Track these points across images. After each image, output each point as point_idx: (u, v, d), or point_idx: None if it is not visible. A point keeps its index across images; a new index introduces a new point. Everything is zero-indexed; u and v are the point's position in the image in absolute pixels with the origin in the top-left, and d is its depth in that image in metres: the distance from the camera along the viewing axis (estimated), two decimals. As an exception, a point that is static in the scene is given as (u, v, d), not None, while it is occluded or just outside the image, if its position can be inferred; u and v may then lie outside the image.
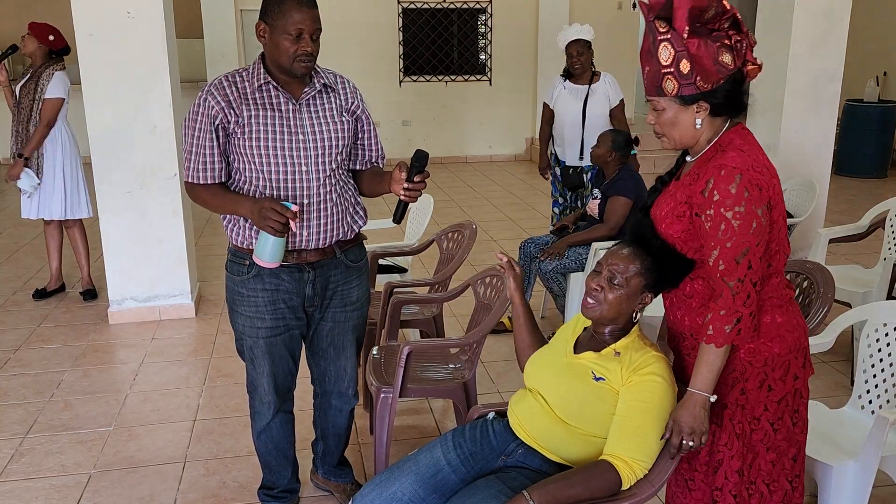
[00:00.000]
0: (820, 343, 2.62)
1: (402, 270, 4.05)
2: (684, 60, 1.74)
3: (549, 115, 4.81)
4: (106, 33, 4.16)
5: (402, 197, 2.18)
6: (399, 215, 2.27)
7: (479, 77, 10.45)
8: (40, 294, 4.94)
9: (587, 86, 4.66)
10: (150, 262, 4.49)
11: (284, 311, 2.34)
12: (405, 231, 4.40)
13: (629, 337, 1.92)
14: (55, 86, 4.54)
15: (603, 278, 1.89)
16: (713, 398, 1.80)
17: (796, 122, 5.03)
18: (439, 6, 10.12)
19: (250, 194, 2.26)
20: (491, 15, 10.26)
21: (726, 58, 1.74)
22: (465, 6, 10.18)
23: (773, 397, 1.87)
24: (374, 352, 2.96)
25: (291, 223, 2.11)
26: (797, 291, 2.55)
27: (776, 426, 1.90)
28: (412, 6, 10.04)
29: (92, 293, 4.92)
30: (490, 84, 10.44)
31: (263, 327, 2.34)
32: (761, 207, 1.73)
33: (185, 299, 4.61)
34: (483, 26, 10.36)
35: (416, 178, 2.15)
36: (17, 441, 3.21)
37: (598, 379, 1.87)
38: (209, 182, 2.26)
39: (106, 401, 3.57)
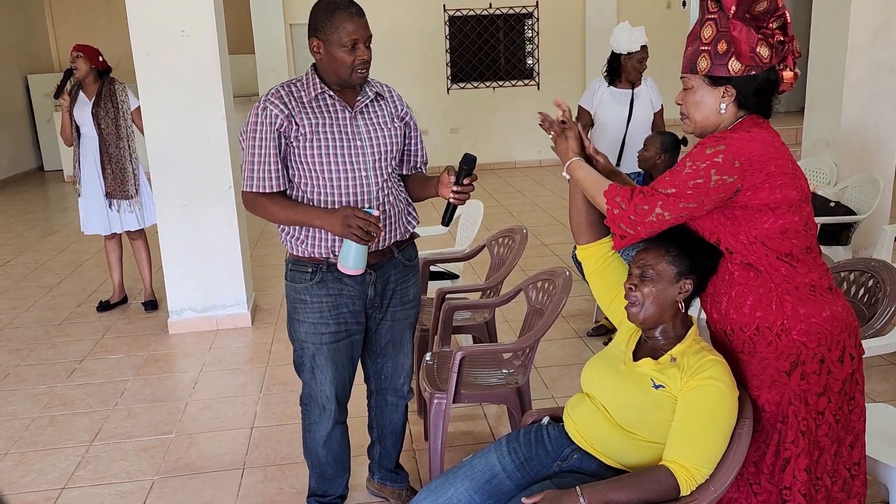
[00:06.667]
0: (888, 343, 2.52)
1: (453, 276, 4.05)
2: (723, 41, 1.80)
3: (587, 120, 4.47)
4: (162, 52, 4.29)
5: (451, 200, 2.24)
6: (448, 218, 2.31)
7: (526, 82, 10.43)
8: (104, 306, 5.10)
9: (630, 90, 4.38)
10: (207, 272, 4.60)
11: (347, 315, 2.38)
12: (456, 237, 4.41)
13: (685, 342, 1.88)
14: (132, 97, 4.75)
15: (634, 276, 1.90)
16: None
17: (856, 115, 4.87)
18: (485, 13, 10.13)
19: (313, 204, 2.29)
20: (537, 19, 10.23)
21: (763, 51, 1.78)
22: (511, 12, 10.18)
23: (834, 386, 1.84)
24: (428, 358, 2.96)
25: (375, 229, 2.14)
26: (862, 290, 2.48)
27: (837, 417, 1.87)
28: (458, 13, 10.08)
29: (153, 304, 5.06)
30: (538, 88, 10.40)
31: (327, 332, 2.37)
32: (722, 175, 1.74)
33: (242, 309, 4.70)
34: (530, 31, 10.34)
35: (465, 181, 2.22)
36: (83, 448, 3.31)
37: (657, 387, 1.84)
38: (274, 190, 2.28)
39: (167, 409, 3.66)
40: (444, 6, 10.02)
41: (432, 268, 3.87)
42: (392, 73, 10.00)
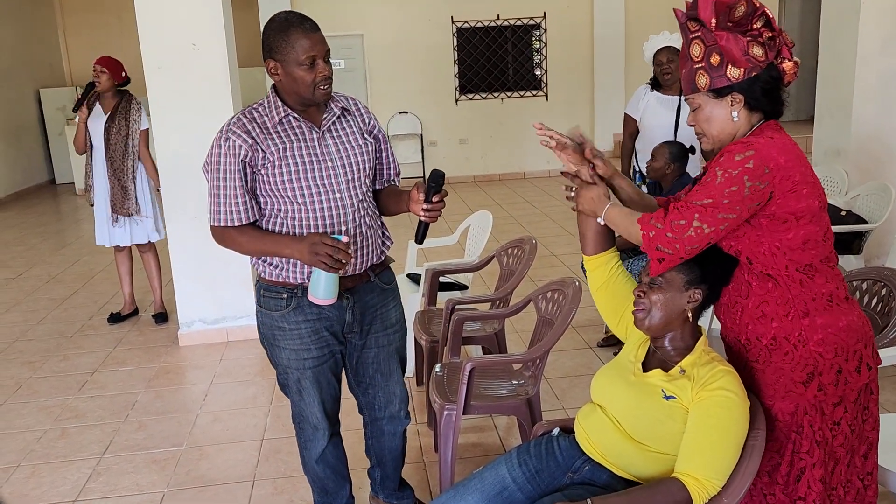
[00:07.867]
0: (901, 353, 2.50)
1: (462, 287, 4.05)
2: (714, 54, 1.80)
3: (633, 128, 4.38)
4: (172, 65, 4.33)
5: (422, 218, 2.20)
6: (421, 236, 2.26)
7: (534, 92, 10.45)
8: (115, 318, 5.12)
9: (678, 97, 4.25)
10: (217, 285, 4.61)
11: (328, 337, 2.32)
12: (465, 248, 4.41)
13: (694, 353, 1.87)
14: (144, 117, 4.79)
15: (644, 283, 1.89)
16: None
17: (867, 124, 4.85)
18: (493, 24, 10.18)
19: (288, 232, 2.23)
20: (545, 30, 10.26)
21: (757, 51, 1.77)
22: (518, 23, 10.22)
23: (850, 396, 1.82)
24: (437, 369, 2.95)
25: (344, 256, 2.07)
26: (875, 300, 2.47)
27: (853, 427, 1.85)
28: (466, 25, 10.13)
29: (163, 316, 5.07)
30: (546, 99, 10.42)
31: (310, 357, 2.31)
32: (755, 182, 1.72)
33: (252, 320, 4.68)
34: (537, 42, 10.37)
35: (435, 199, 2.17)
36: (94, 461, 3.32)
37: (668, 398, 1.83)
38: (244, 223, 2.20)
39: (178, 421, 3.67)
40: (452, 18, 10.07)
41: (442, 279, 3.87)
42: (400, 85, 10.07)
